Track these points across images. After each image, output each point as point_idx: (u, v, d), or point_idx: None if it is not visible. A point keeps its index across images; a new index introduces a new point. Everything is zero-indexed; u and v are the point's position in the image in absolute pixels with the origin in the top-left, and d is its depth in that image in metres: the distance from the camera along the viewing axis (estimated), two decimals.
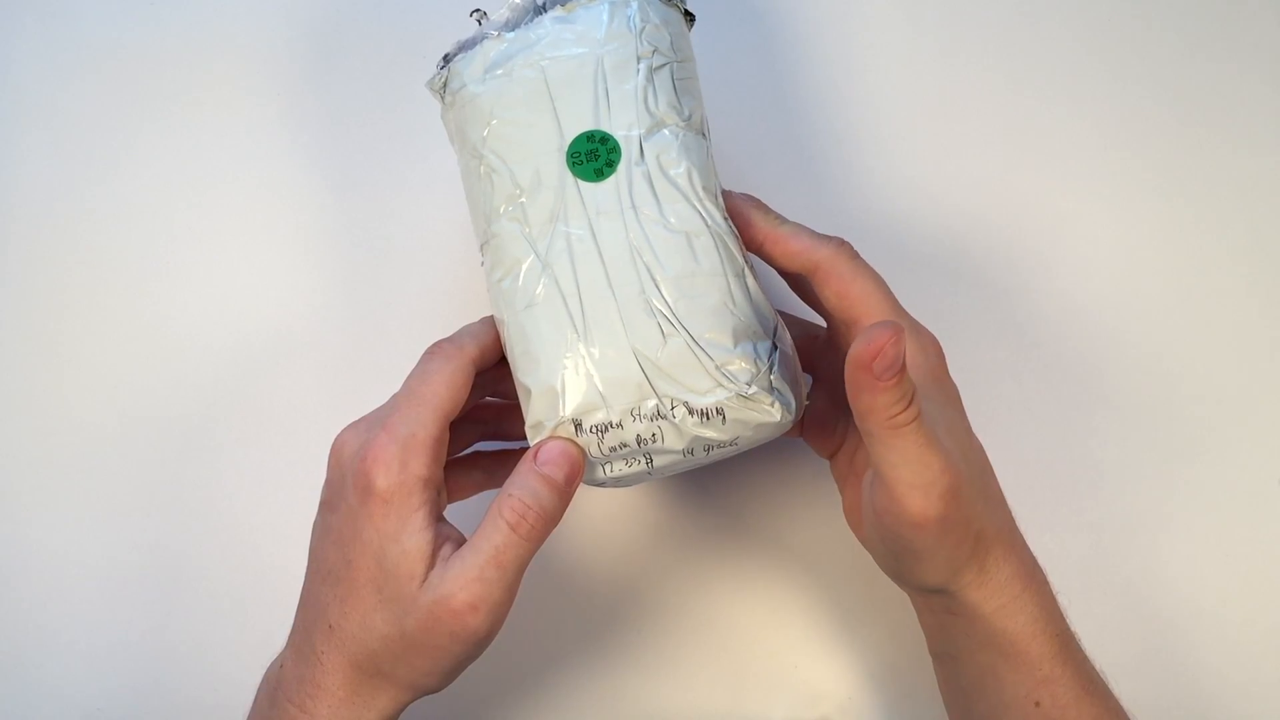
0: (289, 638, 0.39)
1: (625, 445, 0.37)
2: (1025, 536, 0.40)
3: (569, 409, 0.36)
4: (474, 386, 0.39)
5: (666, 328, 0.36)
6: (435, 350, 0.39)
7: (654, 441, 0.36)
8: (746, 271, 0.38)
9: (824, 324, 0.43)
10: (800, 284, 0.42)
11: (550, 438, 0.37)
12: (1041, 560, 0.40)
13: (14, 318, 0.53)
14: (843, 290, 0.37)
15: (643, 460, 0.37)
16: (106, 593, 0.50)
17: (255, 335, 0.53)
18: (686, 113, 0.39)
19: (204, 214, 0.54)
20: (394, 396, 0.38)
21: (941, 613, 0.39)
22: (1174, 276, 0.52)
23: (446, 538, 0.36)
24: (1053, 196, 0.53)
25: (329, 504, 0.38)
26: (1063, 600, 0.40)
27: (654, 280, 0.37)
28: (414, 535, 0.36)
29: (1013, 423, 0.50)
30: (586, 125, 0.38)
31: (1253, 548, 0.49)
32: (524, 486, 0.36)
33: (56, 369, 0.53)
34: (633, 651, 0.49)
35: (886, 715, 0.48)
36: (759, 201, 0.40)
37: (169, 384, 0.52)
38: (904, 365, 0.33)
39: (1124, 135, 0.54)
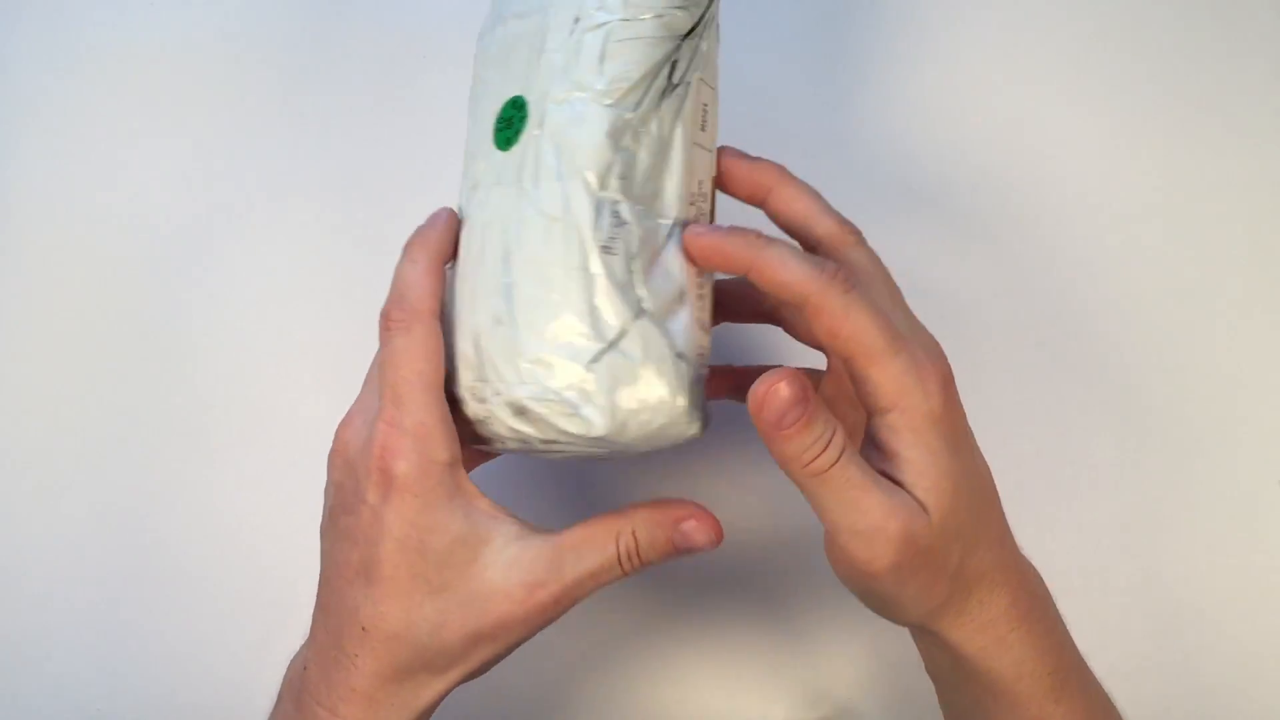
0: (309, 642, 0.38)
1: (478, 420, 0.36)
2: (1025, 537, 0.40)
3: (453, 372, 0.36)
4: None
5: (502, 311, 0.35)
6: (390, 325, 0.37)
7: (486, 425, 0.36)
8: (603, 267, 0.34)
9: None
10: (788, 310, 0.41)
11: (700, 509, 0.36)
12: (1041, 561, 0.39)
13: (13, 317, 0.53)
14: (834, 329, 0.34)
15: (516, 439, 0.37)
16: (106, 593, 0.50)
17: (255, 335, 0.53)
18: (606, 81, 0.34)
19: (203, 214, 0.54)
20: (375, 383, 0.37)
21: (927, 643, 0.39)
22: (1174, 277, 0.52)
23: (495, 516, 0.36)
24: (1053, 198, 0.53)
25: (343, 507, 0.37)
26: (1064, 605, 0.39)
27: (507, 260, 0.35)
28: (459, 522, 0.35)
29: (1013, 423, 0.50)
30: (516, 89, 0.36)
31: (1253, 548, 0.49)
32: (649, 533, 0.36)
33: (56, 369, 0.53)
34: (632, 651, 0.49)
35: (886, 715, 0.48)
36: (738, 229, 0.36)
37: (169, 384, 0.52)
38: (810, 410, 0.33)
39: (1126, 134, 0.54)
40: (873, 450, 0.35)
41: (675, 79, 0.35)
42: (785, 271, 0.34)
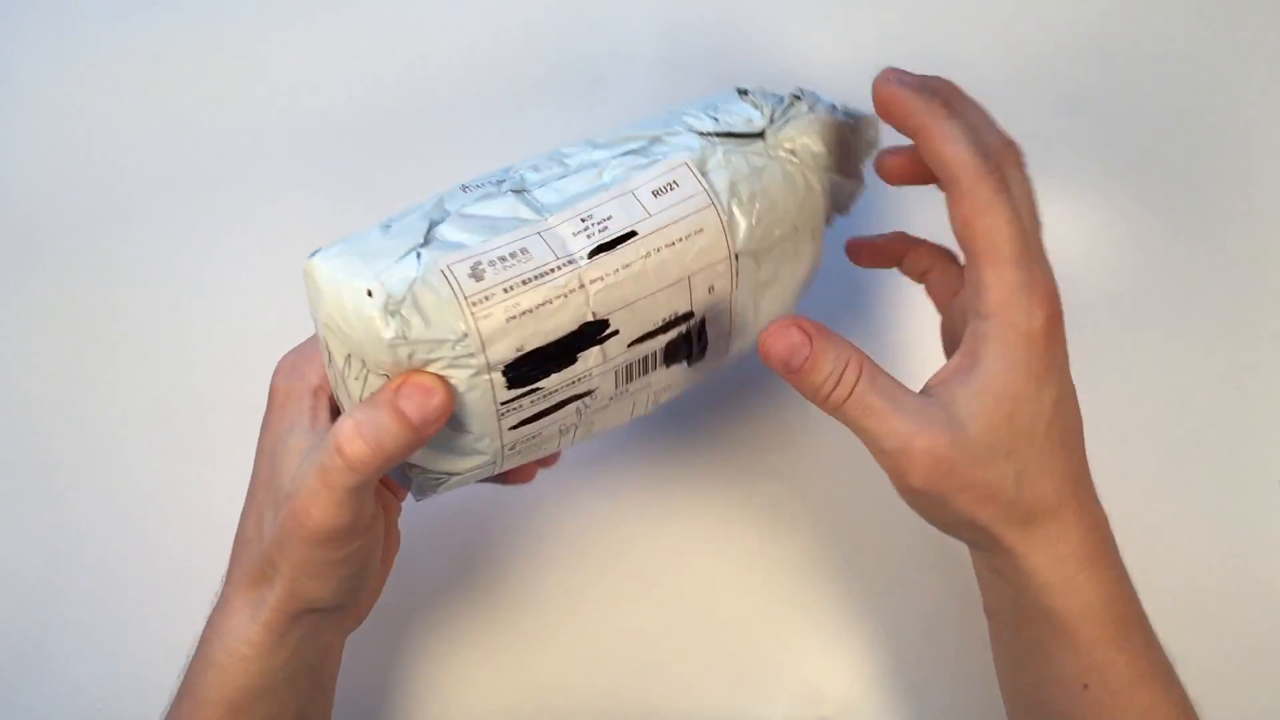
0: None
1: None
2: None
3: None
4: None
5: None
6: None
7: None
8: (445, 190, 0.37)
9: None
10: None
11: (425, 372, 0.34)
12: None
13: (13, 318, 0.54)
14: (969, 219, 0.35)
15: None
16: (107, 593, 0.50)
17: (256, 335, 0.53)
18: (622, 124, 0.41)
19: (203, 214, 0.54)
20: None
21: (990, 571, 0.38)
22: (1173, 277, 0.52)
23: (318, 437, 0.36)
24: (1051, 200, 0.53)
25: None
26: None
27: None
28: (299, 438, 0.36)
29: None
30: None
31: (1253, 548, 0.49)
32: (368, 414, 0.33)
33: (56, 369, 0.53)
34: (631, 651, 0.49)
35: (886, 715, 0.48)
36: (929, 92, 0.36)
37: (169, 384, 0.52)
38: (815, 350, 0.34)
39: (1118, 145, 0.54)
40: (959, 353, 0.36)
41: (648, 149, 0.39)
42: (949, 148, 0.34)
